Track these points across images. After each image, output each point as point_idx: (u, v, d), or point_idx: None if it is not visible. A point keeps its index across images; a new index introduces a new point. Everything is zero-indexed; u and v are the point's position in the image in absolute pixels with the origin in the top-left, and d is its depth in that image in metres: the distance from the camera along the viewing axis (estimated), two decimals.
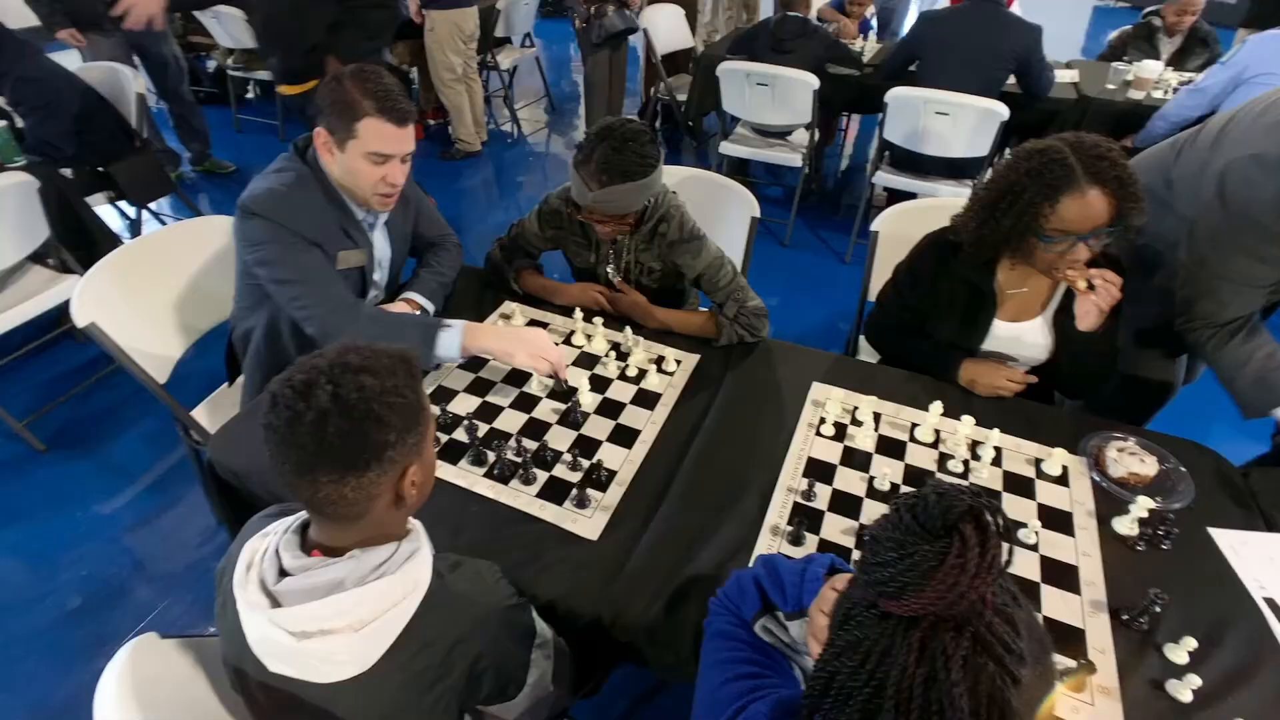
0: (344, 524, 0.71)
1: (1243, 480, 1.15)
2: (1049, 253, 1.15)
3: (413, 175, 1.44)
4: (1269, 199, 1.12)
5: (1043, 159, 1.11)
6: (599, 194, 1.25)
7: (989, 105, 2.57)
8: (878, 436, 1.20)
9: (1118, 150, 1.11)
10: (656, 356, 1.36)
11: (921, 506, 0.51)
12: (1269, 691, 0.84)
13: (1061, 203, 1.09)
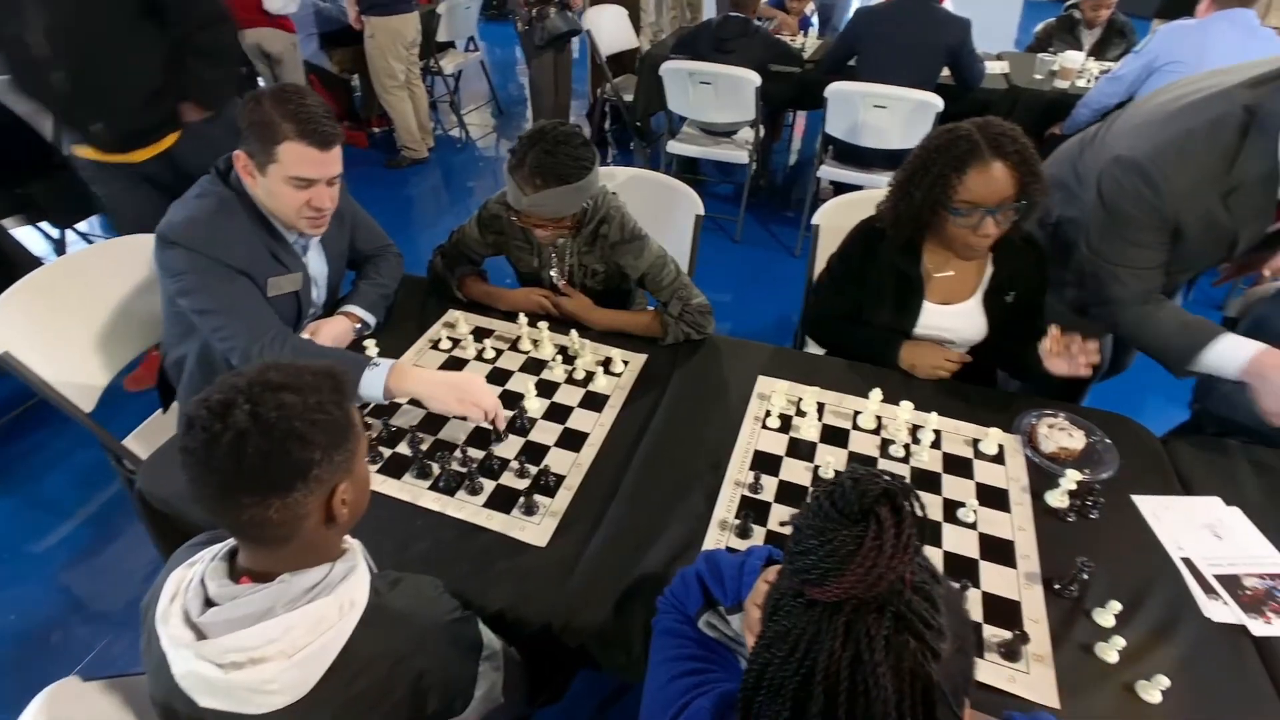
0: (272, 547, 0.69)
1: (1163, 449, 1.21)
2: (959, 227, 1.20)
3: (349, 188, 1.41)
4: (1129, 195, 1.19)
5: (951, 135, 1.18)
6: (534, 198, 1.25)
7: (924, 97, 2.65)
8: (822, 426, 1.22)
9: (1020, 132, 1.17)
10: (603, 358, 1.35)
11: (839, 493, 0.53)
12: (1187, 646, 0.88)
13: (968, 174, 1.15)
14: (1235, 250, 1.27)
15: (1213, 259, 1.32)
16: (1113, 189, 1.23)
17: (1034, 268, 1.33)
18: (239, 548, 0.72)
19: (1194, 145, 1.16)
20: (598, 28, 3.77)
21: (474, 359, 1.38)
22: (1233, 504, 1.08)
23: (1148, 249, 1.24)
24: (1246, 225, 1.20)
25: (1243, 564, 0.99)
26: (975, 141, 1.16)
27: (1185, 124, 1.17)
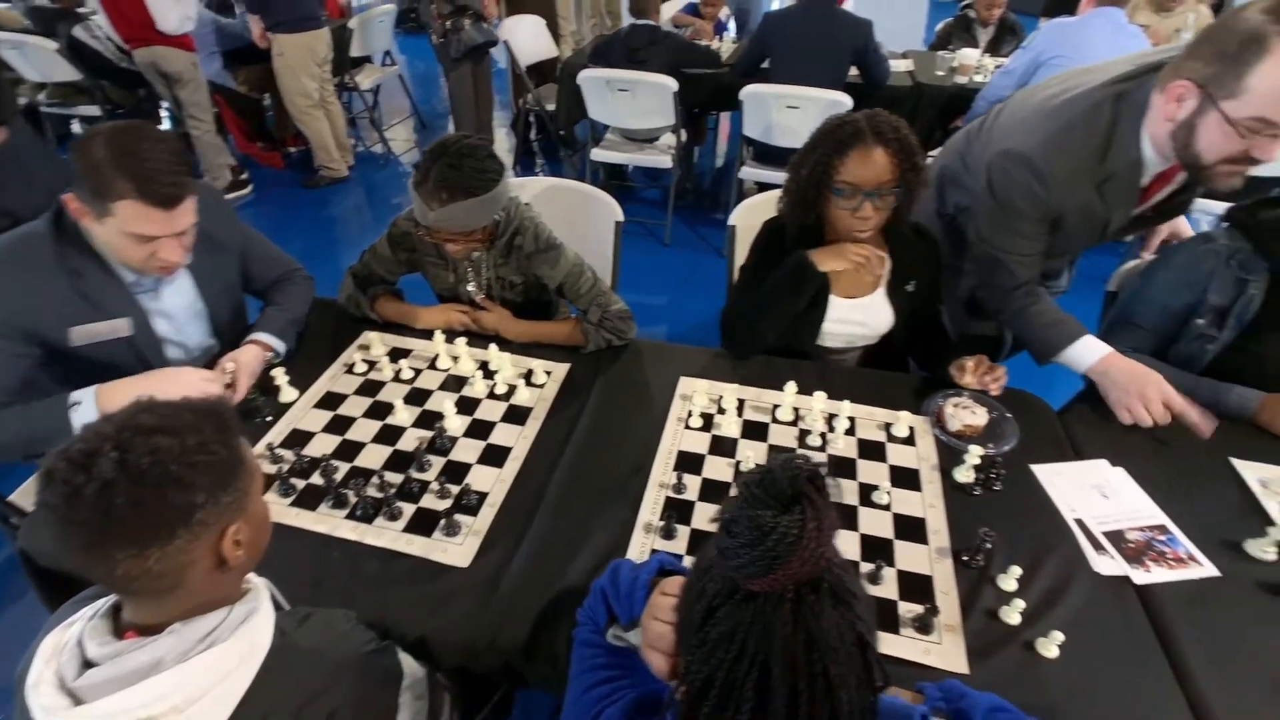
0: (158, 598, 0.65)
1: (1057, 419, 1.28)
2: (840, 208, 1.26)
3: (264, 211, 1.34)
4: (1020, 187, 1.26)
5: (838, 121, 1.25)
6: (440, 213, 1.23)
7: (834, 96, 2.74)
8: (742, 422, 1.25)
9: (905, 125, 1.24)
10: (525, 370, 1.34)
11: (769, 481, 0.53)
12: (1079, 600, 0.94)
13: (850, 156, 1.21)
14: (1106, 234, 1.37)
15: (1087, 243, 1.42)
16: (1003, 181, 1.30)
17: (929, 257, 1.40)
18: (122, 602, 0.68)
19: (1073, 138, 1.23)
20: (516, 38, 3.76)
21: (391, 380, 1.34)
22: (1118, 465, 1.16)
23: (1031, 239, 1.33)
24: (1117, 210, 1.30)
25: (1126, 519, 1.06)
26: (860, 128, 1.22)
27: (1065, 118, 1.25)
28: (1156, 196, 1.34)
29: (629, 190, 3.95)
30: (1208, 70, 1.04)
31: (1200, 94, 1.05)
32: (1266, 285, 1.27)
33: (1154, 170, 1.24)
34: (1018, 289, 1.35)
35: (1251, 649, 0.89)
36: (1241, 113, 1.02)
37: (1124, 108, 1.19)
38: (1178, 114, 1.10)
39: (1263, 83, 0.98)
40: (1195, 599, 0.95)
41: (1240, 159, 1.07)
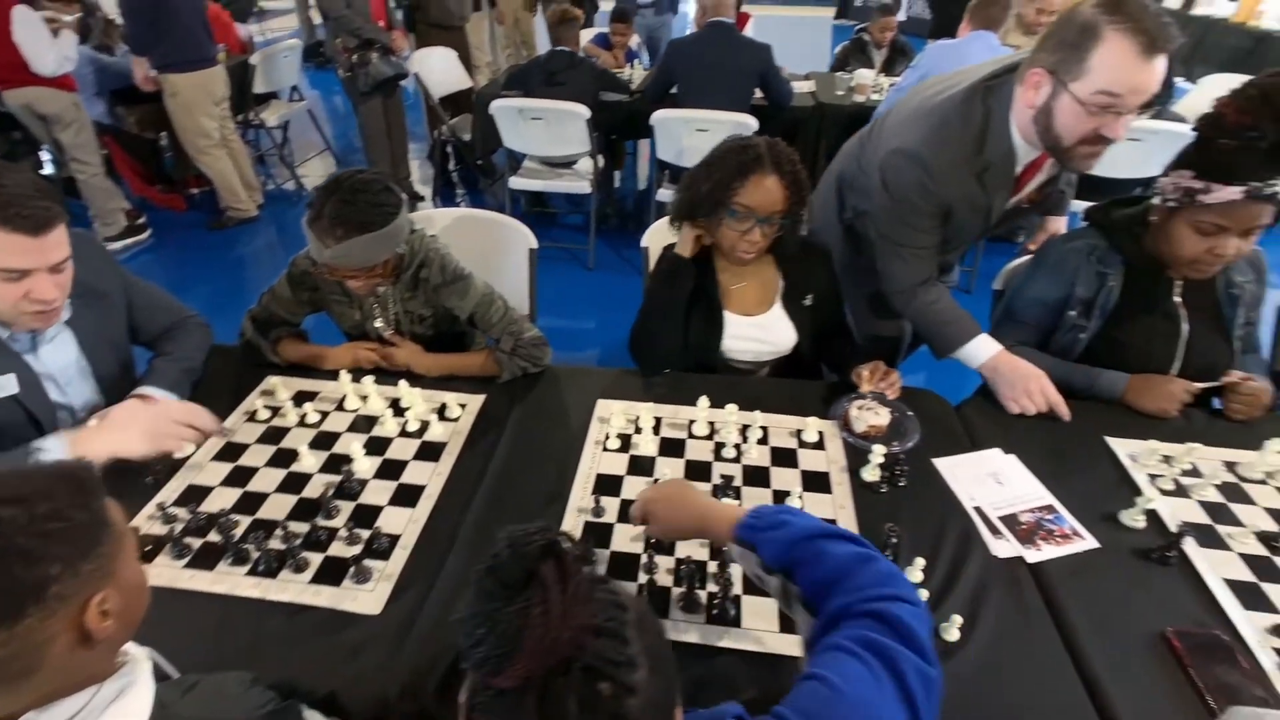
0: (11, 685, 0.60)
1: (955, 412, 1.36)
2: (732, 229, 1.32)
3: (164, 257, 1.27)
4: (912, 182, 1.36)
5: (742, 143, 1.31)
6: (336, 249, 1.20)
7: (739, 118, 2.86)
8: (660, 440, 1.26)
9: (797, 156, 1.32)
10: (438, 405, 1.32)
11: (499, 566, 0.50)
12: (978, 583, 0.99)
13: (749, 181, 1.27)
14: (990, 223, 1.48)
15: (975, 233, 1.53)
16: (895, 178, 1.39)
17: (821, 268, 1.47)
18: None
19: (951, 133, 1.34)
20: (427, 70, 3.74)
21: (296, 425, 1.29)
22: (1010, 452, 1.24)
23: (927, 231, 1.42)
24: (997, 197, 1.40)
25: (1019, 503, 1.13)
26: (761, 154, 1.28)
27: (943, 115, 1.36)
28: (1030, 184, 1.46)
29: (551, 216, 3.97)
30: (1055, 58, 1.17)
31: (1052, 79, 1.18)
32: (1123, 277, 1.39)
33: (1025, 158, 1.35)
34: (920, 284, 1.43)
35: (1127, 609, 0.96)
36: (1087, 90, 1.14)
37: (993, 102, 1.31)
38: (1036, 100, 1.22)
39: (1100, 62, 1.12)
40: (1079, 571, 1.02)
41: (1093, 139, 1.20)
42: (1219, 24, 5.82)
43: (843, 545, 0.71)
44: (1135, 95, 1.12)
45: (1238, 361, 1.41)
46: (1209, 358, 1.38)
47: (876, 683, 0.61)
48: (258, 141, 4.60)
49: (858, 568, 0.69)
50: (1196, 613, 0.97)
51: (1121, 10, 1.09)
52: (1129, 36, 1.08)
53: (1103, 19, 1.10)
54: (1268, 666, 0.89)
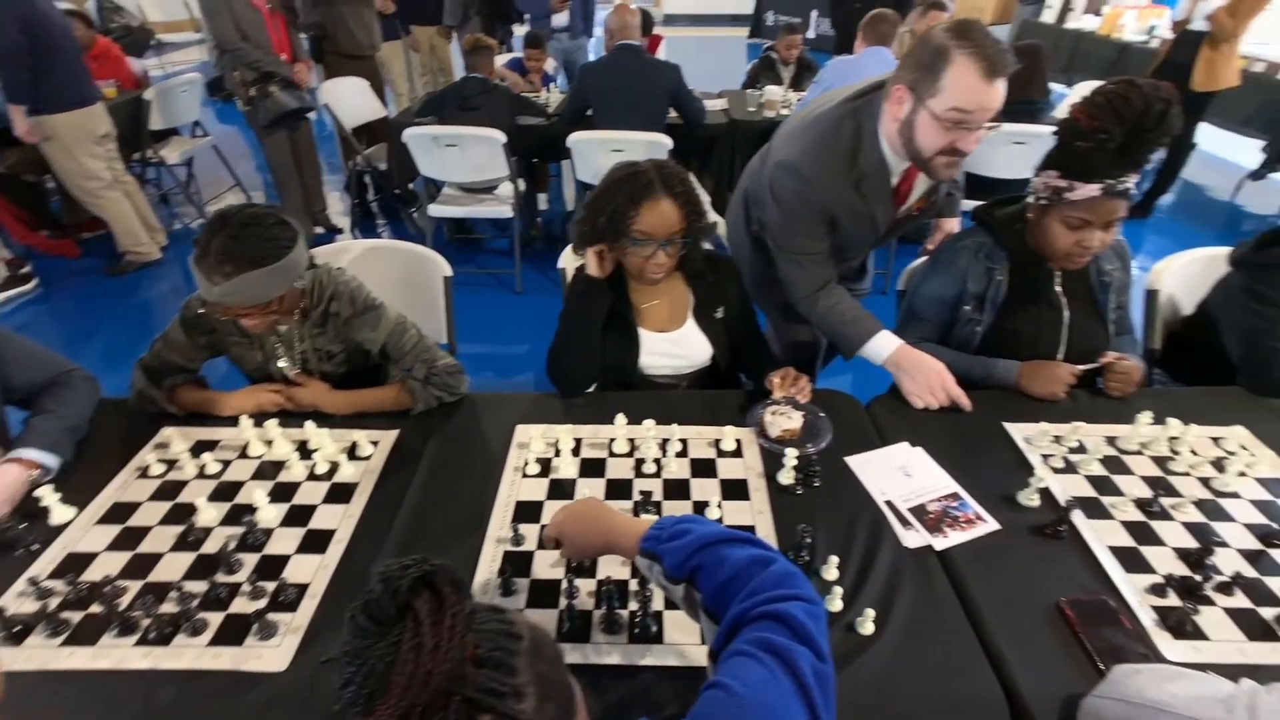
0: None
1: (865, 411, 1.41)
2: (637, 256, 1.34)
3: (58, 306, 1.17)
4: (793, 193, 1.43)
5: (632, 171, 1.32)
6: (225, 287, 1.15)
7: (654, 138, 2.92)
8: (580, 461, 1.26)
9: (689, 175, 1.36)
10: (348, 445, 1.27)
11: (371, 602, 0.48)
12: (891, 575, 1.02)
13: (643, 208, 1.30)
14: (879, 231, 1.56)
15: (867, 241, 1.61)
16: (780, 189, 1.47)
17: (729, 281, 1.51)
18: None
19: (826, 145, 1.42)
20: (338, 101, 3.65)
21: (195, 477, 1.22)
22: (917, 445, 1.29)
23: (815, 238, 1.49)
24: (878, 207, 1.49)
25: (927, 493, 1.18)
26: (652, 179, 1.31)
27: (818, 130, 1.44)
28: (913, 194, 1.55)
29: (476, 242, 3.93)
30: (913, 76, 1.27)
31: (912, 96, 1.28)
32: (1009, 271, 1.49)
33: (898, 169, 1.44)
34: (820, 289, 1.50)
35: (1026, 585, 1.01)
36: (941, 107, 1.24)
37: (864, 117, 1.40)
38: (900, 114, 1.31)
39: (950, 82, 1.23)
40: (982, 553, 1.07)
41: (950, 151, 1.30)
42: (1089, 36, 6.35)
43: (742, 549, 0.72)
44: (982, 112, 1.24)
45: (1113, 343, 1.52)
46: (1089, 341, 1.49)
47: (776, 684, 0.62)
48: (160, 180, 4.38)
49: (756, 570, 0.70)
50: (1087, 580, 1.03)
51: (968, 36, 1.21)
52: (974, 60, 1.20)
53: (952, 44, 1.21)
54: (1147, 624, 0.95)
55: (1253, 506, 1.16)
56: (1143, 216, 4.30)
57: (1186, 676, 0.79)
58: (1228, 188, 4.88)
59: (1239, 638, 0.94)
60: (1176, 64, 3.73)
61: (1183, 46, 3.72)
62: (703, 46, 9.75)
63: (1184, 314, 1.79)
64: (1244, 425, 1.35)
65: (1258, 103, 4.37)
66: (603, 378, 1.51)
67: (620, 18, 3.02)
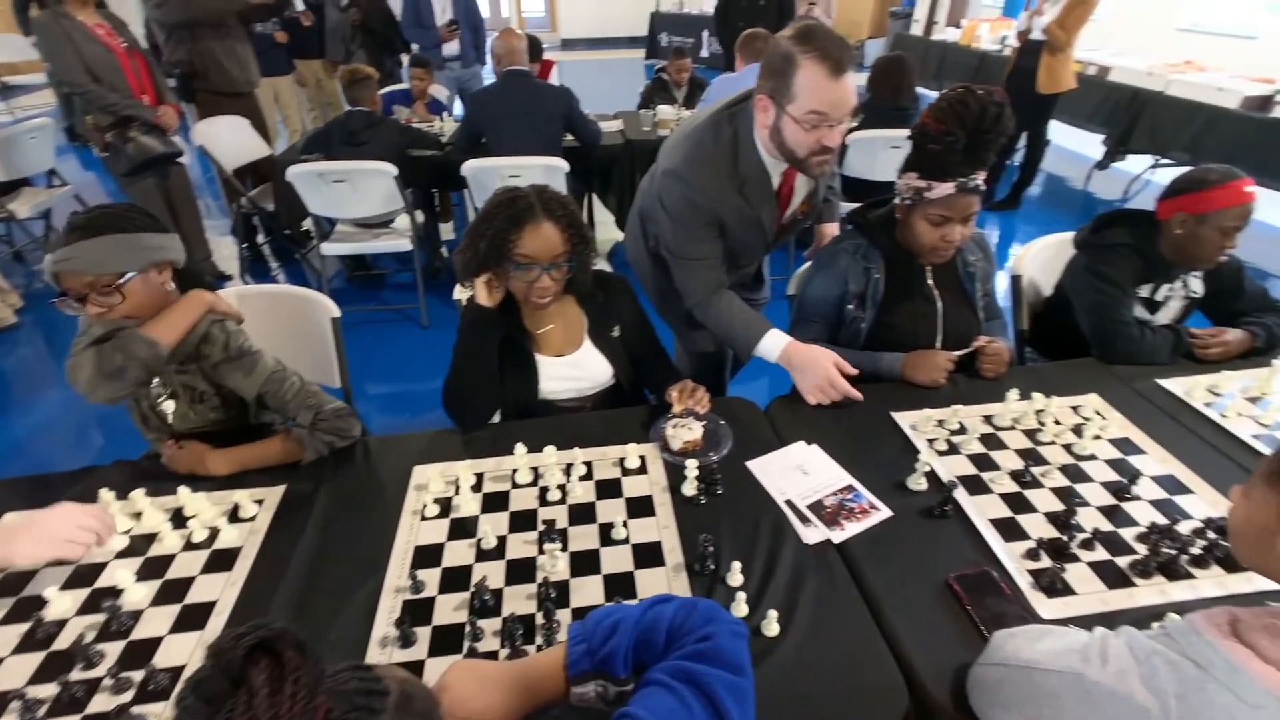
0: None
1: (764, 414, 1.45)
2: (521, 280, 1.33)
3: None
4: (680, 198, 1.49)
5: (511, 195, 1.31)
6: (63, 252, 1.12)
7: (551, 162, 2.92)
8: (482, 496, 1.22)
9: (571, 201, 1.36)
10: (229, 507, 1.19)
11: (203, 680, 0.45)
12: (793, 574, 1.05)
13: (524, 232, 1.29)
14: (767, 234, 1.62)
15: (757, 245, 1.66)
16: (667, 197, 1.51)
17: (622, 299, 1.53)
18: None
19: (706, 152, 1.47)
20: (215, 141, 3.45)
21: (46, 565, 1.09)
22: (813, 442, 1.34)
23: (706, 242, 1.54)
24: (763, 210, 1.55)
25: (823, 489, 1.23)
26: (532, 203, 1.30)
27: (698, 138, 1.50)
28: (795, 197, 1.62)
29: (379, 278, 3.80)
30: (771, 84, 1.33)
31: (773, 103, 1.34)
32: (885, 269, 1.58)
33: (777, 172, 1.51)
34: (713, 294, 1.54)
35: (918, 566, 1.06)
36: (800, 111, 1.31)
37: (739, 124, 1.46)
38: (767, 121, 1.38)
39: (801, 86, 1.30)
40: (877, 541, 1.12)
41: (820, 150, 1.37)
42: (953, 46, 6.92)
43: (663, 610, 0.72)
44: (838, 109, 1.31)
45: (985, 328, 1.64)
46: (962, 329, 1.60)
47: (688, 711, 0.62)
48: (10, 236, 3.99)
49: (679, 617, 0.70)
50: (972, 554, 1.09)
51: (810, 40, 1.27)
52: (819, 62, 1.27)
53: (796, 49, 1.28)
54: (1024, 587, 1.02)
55: (1107, 465, 1.27)
56: (1013, 208, 4.69)
57: (1052, 633, 0.84)
58: (1081, 177, 5.41)
59: (1101, 589, 1.02)
60: (1023, 70, 4.12)
61: (1026, 54, 4.11)
62: (601, 69, 9.93)
63: (1045, 295, 1.96)
64: (1097, 393, 1.48)
65: (1095, 101, 4.88)
66: (503, 407, 1.49)
67: (506, 43, 3.02)
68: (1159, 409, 1.44)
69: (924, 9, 7.32)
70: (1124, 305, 1.62)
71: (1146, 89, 4.54)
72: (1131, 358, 1.58)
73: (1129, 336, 1.59)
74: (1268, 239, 4.19)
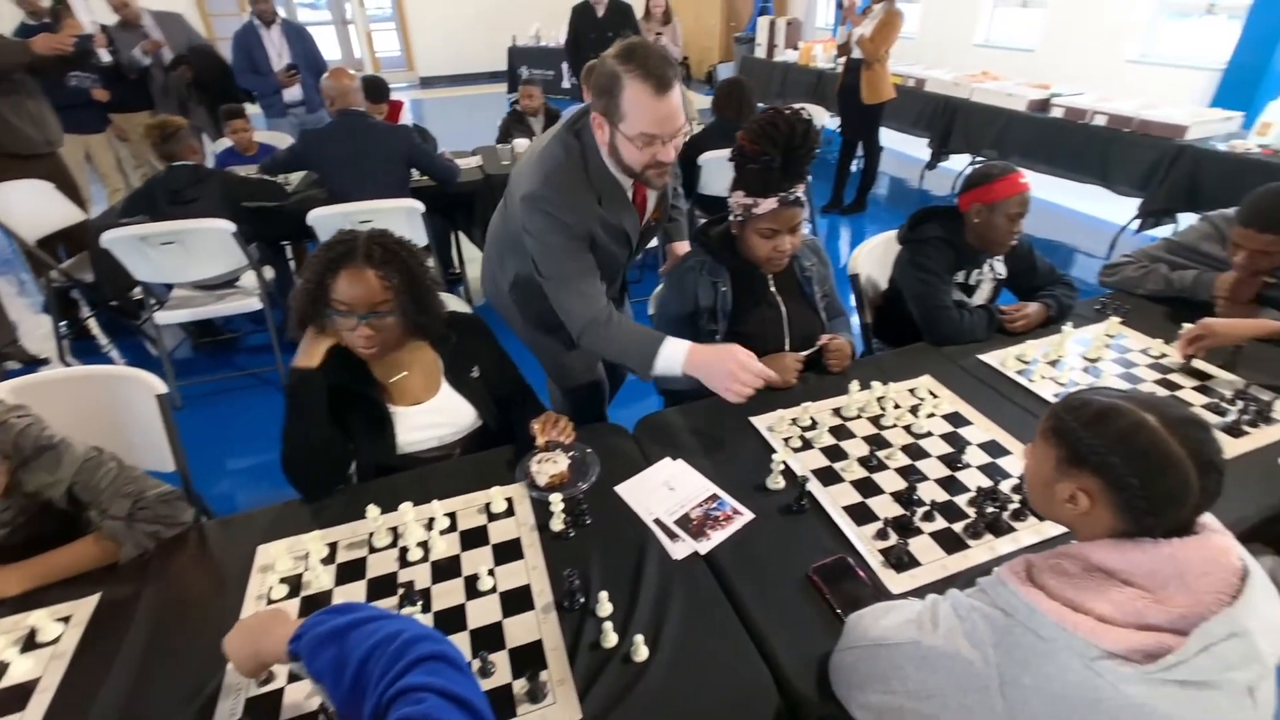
0: None
1: (631, 436, 1.46)
2: (339, 328, 1.26)
3: None
4: (545, 219, 1.43)
5: (335, 239, 1.25)
6: None
7: (405, 203, 2.84)
8: (335, 568, 1.14)
9: (406, 245, 1.30)
10: (23, 633, 1.02)
11: None
12: (658, 595, 1.05)
13: (340, 277, 1.22)
14: (632, 245, 1.62)
15: (621, 255, 1.64)
16: (532, 221, 1.46)
17: (477, 338, 1.49)
18: None
19: (560, 170, 1.44)
20: (8, 210, 3.05)
21: None
22: (678, 457, 1.36)
23: (580, 260, 1.48)
24: (625, 219, 1.53)
25: (689, 502, 1.25)
26: (352, 247, 1.23)
27: (550, 156, 1.47)
28: (649, 203, 1.64)
29: (232, 342, 3.49)
30: (602, 103, 1.33)
31: (607, 121, 1.35)
32: (731, 282, 1.65)
33: (627, 182, 1.50)
34: (600, 314, 1.46)
35: (781, 564, 1.10)
36: (631, 130, 1.32)
37: (585, 138, 1.45)
38: (604, 140, 1.39)
39: (631, 106, 1.30)
40: (742, 545, 1.15)
41: (656, 164, 1.39)
42: (794, 66, 7.47)
43: (365, 635, 0.68)
44: (666, 126, 1.32)
45: (829, 326, 1.75)
46: (807, 330, 1.70)
47: None
48: None
49: (377, 654, 0.65)
50: (830, 544, 1.15)
51: (633, 59, 1.27)
52: (642, 81, 1.27)
53: (620, 68, 1.27)
54: (875, 567, 1.09)
55: (941, 440, 1.39)
56: (860, 211, 5.10)
57: (895, 608, 0.90)
58: (916, 177, 5.99)
59: (942, 555, 1.11)
60: (849, 85, 4.53)
61: (850, 71, 4.51)
62: (464, 105, 9.83)
63: (882, 289, 2.13)
64: (930, 374, 1.62)
65: (917, 109, 5.43)
66: (361, 468, 1.40)
67: (338, 83, 2.90)
68: (981, 381, 1.60)
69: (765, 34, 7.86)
70: (944, 292, 1.80)
71: (955, 97, 5.11)
72: (955, 338, 1.75)
73: (950, 319, 1.76)
74: (1056, 216, 4.88)
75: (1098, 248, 4.22)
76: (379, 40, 10.66)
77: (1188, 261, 1.95)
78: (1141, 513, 0.75)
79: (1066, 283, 1.91)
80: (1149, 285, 1.97)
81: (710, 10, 10.51)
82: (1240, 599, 0.70)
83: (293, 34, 4.46)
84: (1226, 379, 1.56)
